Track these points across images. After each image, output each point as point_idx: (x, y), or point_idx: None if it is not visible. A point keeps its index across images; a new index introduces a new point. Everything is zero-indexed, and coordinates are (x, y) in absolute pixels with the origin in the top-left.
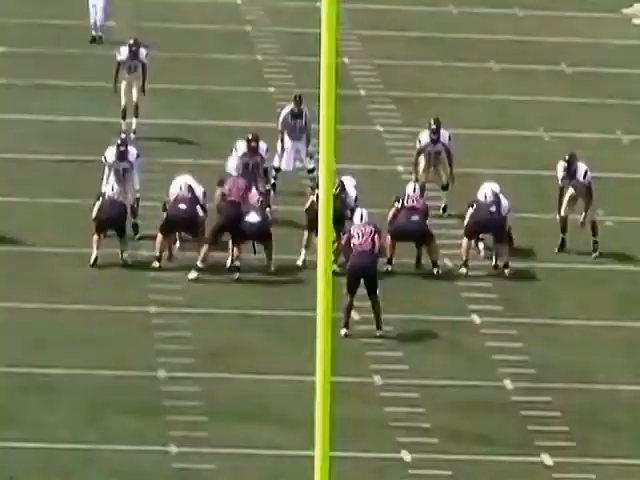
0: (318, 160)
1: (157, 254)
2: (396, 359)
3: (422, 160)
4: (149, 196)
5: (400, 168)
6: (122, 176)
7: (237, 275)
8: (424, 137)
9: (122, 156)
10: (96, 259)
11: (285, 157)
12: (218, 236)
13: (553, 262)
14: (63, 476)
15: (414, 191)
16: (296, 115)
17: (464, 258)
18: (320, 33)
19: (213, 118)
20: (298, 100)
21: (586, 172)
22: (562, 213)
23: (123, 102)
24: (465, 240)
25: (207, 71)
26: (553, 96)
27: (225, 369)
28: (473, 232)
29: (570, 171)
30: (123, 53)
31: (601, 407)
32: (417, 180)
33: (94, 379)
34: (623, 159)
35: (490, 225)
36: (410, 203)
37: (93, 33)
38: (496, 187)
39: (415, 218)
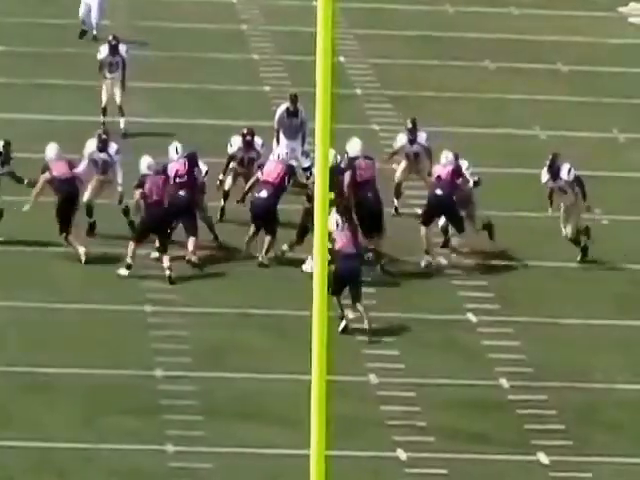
0: (314, 159)
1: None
2: (392, 358)
3: (403, 161)
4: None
5: (396, 166)
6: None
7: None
8: (401, 138)
9: (103, 147)
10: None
11: (281, 154)
12: (144, 236)
13: (550, 260)
14: (60, 475)
15: None
16: (292, 114)
17: (424, 247)
18: (316, 32)
19: (209, 117)
20: (294, 99)
21: (570, 170)
22: (563, 231)
23: (104, 101)
24: (422, 228)
25: (203, 70)
26: (549, 95)
27: (222, 368)
28: (427, 219)
29: (553, 170)
30: (103, 51)
31: (598, 406)
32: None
33: (91, 378)
34: (620, 158)
35: (440, 207)
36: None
37: (83, 27)
38: (450, 155)
39: None
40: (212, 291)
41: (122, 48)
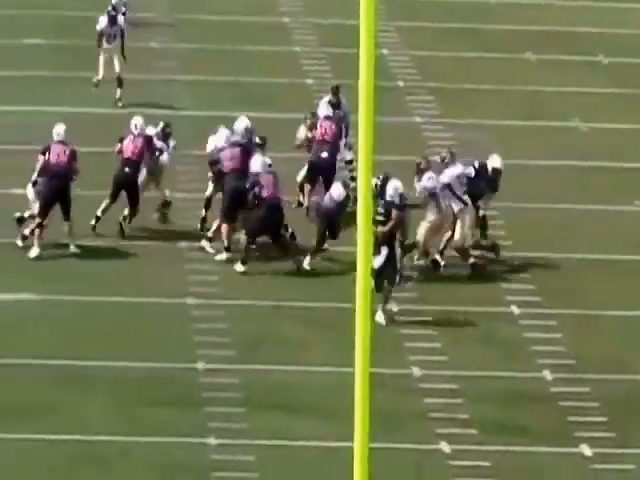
0: (357, 151)
1: (227, 244)
2: (435, 350)
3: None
4: (184, 188)
5: (438, 159)
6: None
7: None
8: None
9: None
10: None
11: None
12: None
13: (591, 253)
14: (100, 468)
15: None
16: (334, 105)
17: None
18: (358, 24)
19: (251, 110)
20: (335, 90)
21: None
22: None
23: (100, 74)
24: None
25: (245, 63)
26: (590, 87)
27: (263, 361)
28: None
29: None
30: (102, 22)
31: None
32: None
33: (133, 371)
34: None
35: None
36: None
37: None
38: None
39: None
40: (253, 284)
41: (120, 19)
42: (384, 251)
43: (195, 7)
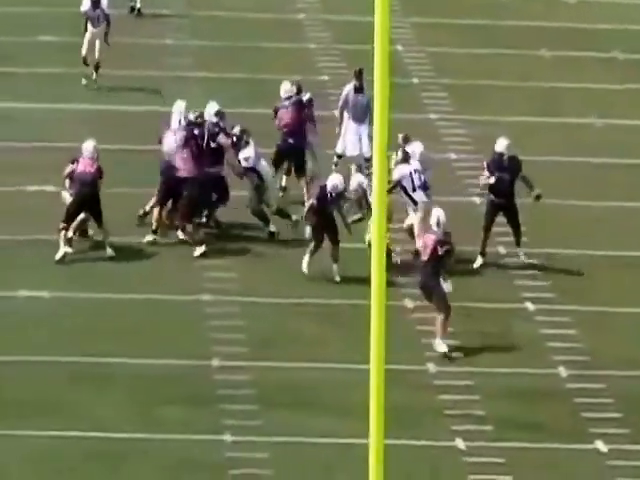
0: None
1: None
2: (450, 347)
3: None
4: None
5: (453, 156)
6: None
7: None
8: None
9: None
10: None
11: (349, 140)
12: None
13: (606, 249)
14: (115, 465)
15: None
16: (358, 90)
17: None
18: (373, 21)
19: (266, 107)
20: (359, 74)
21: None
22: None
23: (84, 52)
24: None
25: (259, 60)
26: (605, 83)
27: (278, 358)
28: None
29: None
30: (85, 5)
31: None
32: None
33: (147, 368)
34: None
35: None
36: None
37: (132, 4)
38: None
39: None
40: (268, 281)
41: (104, 2)
42: None
43: (210, 4)
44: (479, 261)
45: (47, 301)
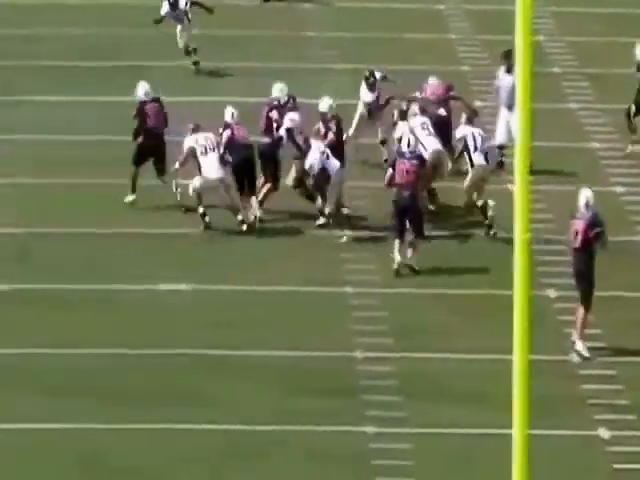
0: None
1: None
2: (594, 336)
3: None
4: None
5: (596, 145)
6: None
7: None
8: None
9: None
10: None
11: (500, 129)
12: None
13: (622, 235)
14: (257, 458)
15: None
16: (509, 70)
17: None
18: (513, 10)
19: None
20: (508, 55)
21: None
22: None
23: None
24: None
25: (402, 50)
26: None
27: (421, 348)
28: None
29: None
30: (165, 7)
31: None
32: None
33: (290, 360)
34: None
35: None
36: None
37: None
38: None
39: None
40: (408, 272)
41: (181, 2)
42: None
43: None
44: None
45: (186, 294)
